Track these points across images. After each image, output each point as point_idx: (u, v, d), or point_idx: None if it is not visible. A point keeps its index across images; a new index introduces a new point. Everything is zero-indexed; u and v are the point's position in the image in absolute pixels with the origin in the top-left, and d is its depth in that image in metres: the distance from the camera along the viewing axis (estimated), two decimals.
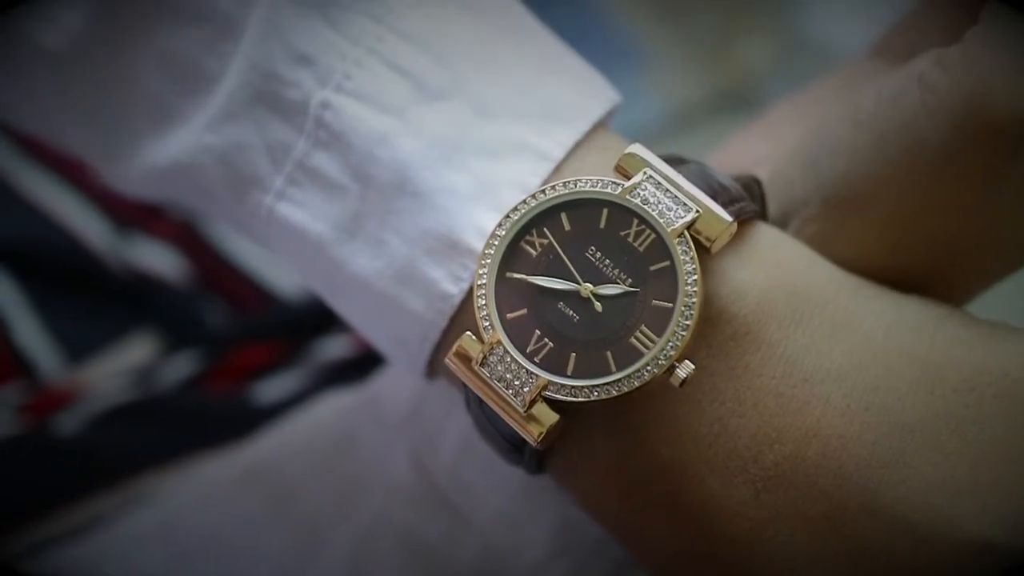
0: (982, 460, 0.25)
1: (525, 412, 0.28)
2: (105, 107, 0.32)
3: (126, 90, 0.31)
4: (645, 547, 0.29)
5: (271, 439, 0.40)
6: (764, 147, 0.33)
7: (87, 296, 0.48)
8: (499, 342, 0.28)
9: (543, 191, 0.28)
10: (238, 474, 0.38)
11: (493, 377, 0.28)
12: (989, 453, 0.25)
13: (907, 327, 0.27)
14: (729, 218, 0.27)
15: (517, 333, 0.28)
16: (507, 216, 0.28)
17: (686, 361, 0.27)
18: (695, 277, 0.27)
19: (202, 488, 0.39)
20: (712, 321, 0.27)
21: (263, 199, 0.30)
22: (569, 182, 0.28)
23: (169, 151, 0.31)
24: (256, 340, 0.48)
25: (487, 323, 0.28)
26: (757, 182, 0.30)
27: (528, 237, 0.28)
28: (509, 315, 0.28)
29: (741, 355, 0.27)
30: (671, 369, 0.27)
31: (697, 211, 0.27)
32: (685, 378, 0.27)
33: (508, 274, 0.28)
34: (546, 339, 0.28)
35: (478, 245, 0.28)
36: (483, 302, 0.28)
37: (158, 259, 0.49)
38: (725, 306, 0.27)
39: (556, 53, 0.31)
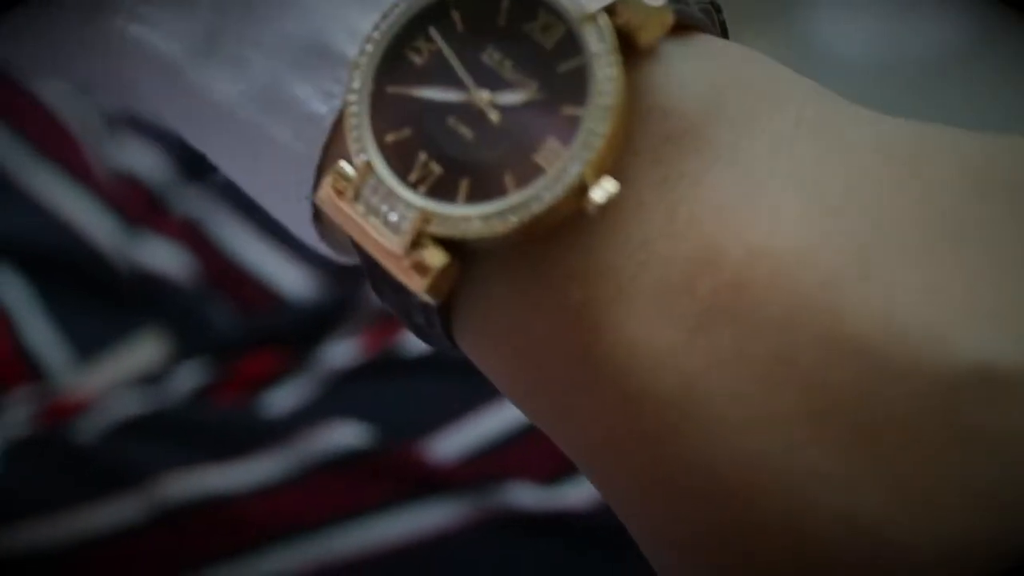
0: (986, 267, 0.19)
1: (406, 253, 0.22)
2: None
3: None
4: (567, 431, 0.23)
5: None
6: None
7: (95, 295, 0.48)
8: (372, 170, 0.22)
9: None
10: None
11: (369, 213, 0.22)
12: (996, 258, 0.19)
13: (892, 126, 0.21)
14: (659, 1, 0.22)
15: (398, 158, 0.22)
16: (384, 16, 0.23)
17: (606, 178, 0.21)
18: (611, 70, 0.21)
19: None
20: (642, 117, 0.22)
21: (115, 21, 0.25)
22: None
23: None
24: (262, 345, 0.46)
25: (359, 146, 0.22)
26: (717, 8, 0.25)
27: (413, 43, 0.23)
28: (388, 137, 0.22)
29: (677, 161, 0.21)
30: (583, 190, 0.21)
31: None
32: (602, 203, 0.21)
33: (388, 88, 0.23)
34: (433, 163, 0.22)
35: (353, 51, 0.23)
36: (355, 122, 0.23)
37: (165, 257, 0.49)
38: (660, 100, 0.21)
39: None
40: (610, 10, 0.22)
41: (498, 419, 0.45)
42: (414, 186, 0.22)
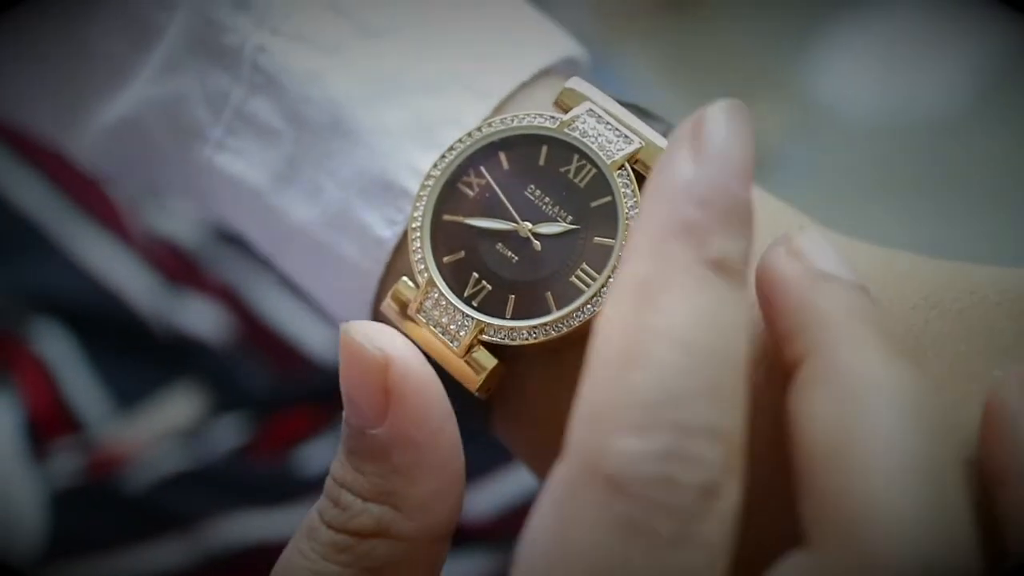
0: (942, 377, 0.23)
1: (463, 358, 0.26)
2: (61, 72, 0.32)
3: (80, 52, 0.31)
4: None
5: None
6: None
7: (134, 351, 0.49)
8: (434, 286, 0.27)
9: (479, 129, 0.27)
10: None
11: (429, 323, 0.26)
12: (950, 370, 0.23)
13: (862, 251, 0.26)
14: None
15: (454, 277, 0.27)
16: (442, 156, 0.27)
17: None
18: (637, 211, 0.26)
19: None
20: None
21: (203, 150, 0.29)
22: (507, 118, 0.27)
23: (116, 109, 0.30)
24: (295, 404, 0.48)
25: (422, 267, 0.27)
26: None
27: (465, 178, 0.27)
28: (446, 258, 0.27)
29: None
30: None
31: (639, 143, 0.26)
32: None
33: (444, 216, 0.27)
34: (484, 282, 0.26)
35: (413, 186, 0.27)
36: (417, 245, 0.27)
37: (202, 317, 0.51)
38: None
39: (521, 8, 0.30)
40: (631, 156, 0.26)
41: (524, 480, 0.47)
42: (468, 300, 0.26)
